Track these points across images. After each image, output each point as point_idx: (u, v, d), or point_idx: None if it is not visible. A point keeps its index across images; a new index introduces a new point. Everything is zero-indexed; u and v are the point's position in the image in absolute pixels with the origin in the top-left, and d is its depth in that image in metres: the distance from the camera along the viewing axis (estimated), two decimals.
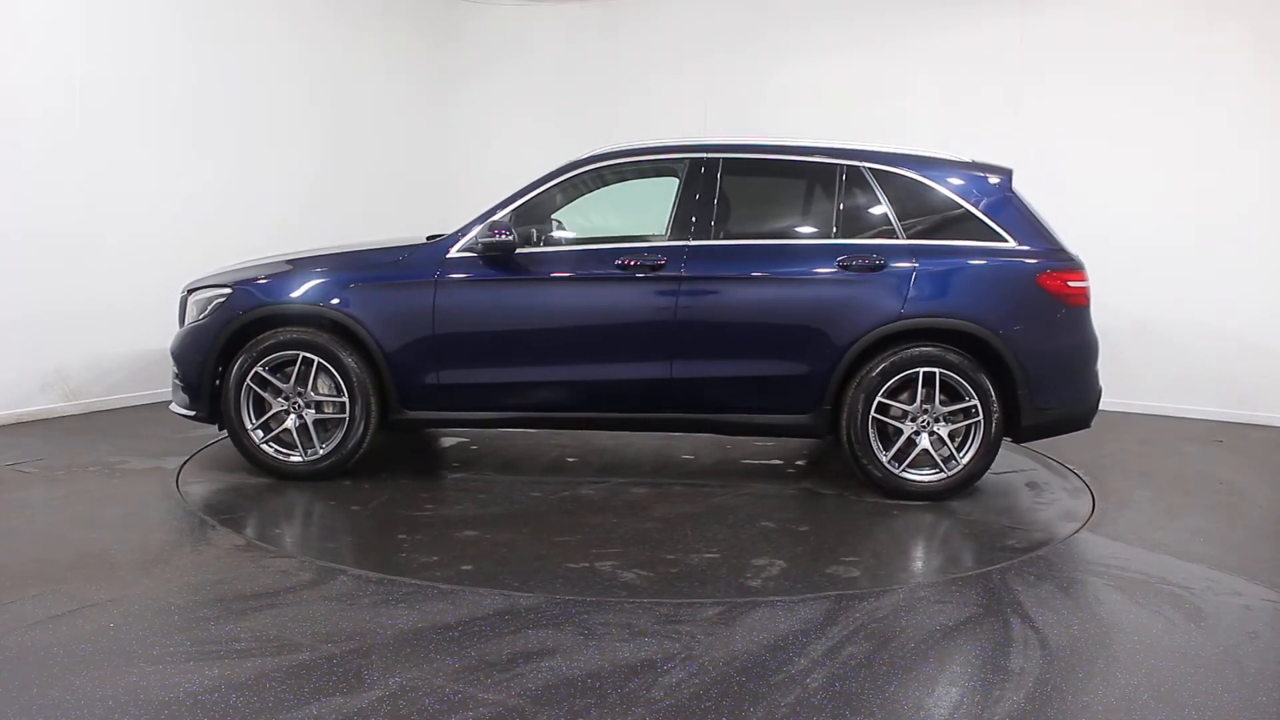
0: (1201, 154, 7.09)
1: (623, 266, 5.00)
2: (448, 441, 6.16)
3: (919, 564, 4.30)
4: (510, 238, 4.95)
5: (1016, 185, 5.11)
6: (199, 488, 4.96)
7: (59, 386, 6.37)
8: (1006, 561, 4.13)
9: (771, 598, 3.70)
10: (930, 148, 5.30)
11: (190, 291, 5.38)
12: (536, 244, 5.24)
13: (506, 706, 2.81)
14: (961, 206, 5.00)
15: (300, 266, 5.27)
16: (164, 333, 6.90)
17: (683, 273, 4.97)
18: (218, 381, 5.10)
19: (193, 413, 5.18)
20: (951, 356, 4.84)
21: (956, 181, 5.04)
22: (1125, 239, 7.08)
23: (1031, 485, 5.38)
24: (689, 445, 5.98)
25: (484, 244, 4.99)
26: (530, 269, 5.08)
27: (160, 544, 4.11)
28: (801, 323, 4.94)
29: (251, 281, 5.19)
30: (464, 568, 3.95)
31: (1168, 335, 7.20)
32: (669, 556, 4.12)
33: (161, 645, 3.14)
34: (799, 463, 5.72)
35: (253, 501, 4.98)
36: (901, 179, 5.06)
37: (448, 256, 5.09)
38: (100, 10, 6.41)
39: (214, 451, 5.65)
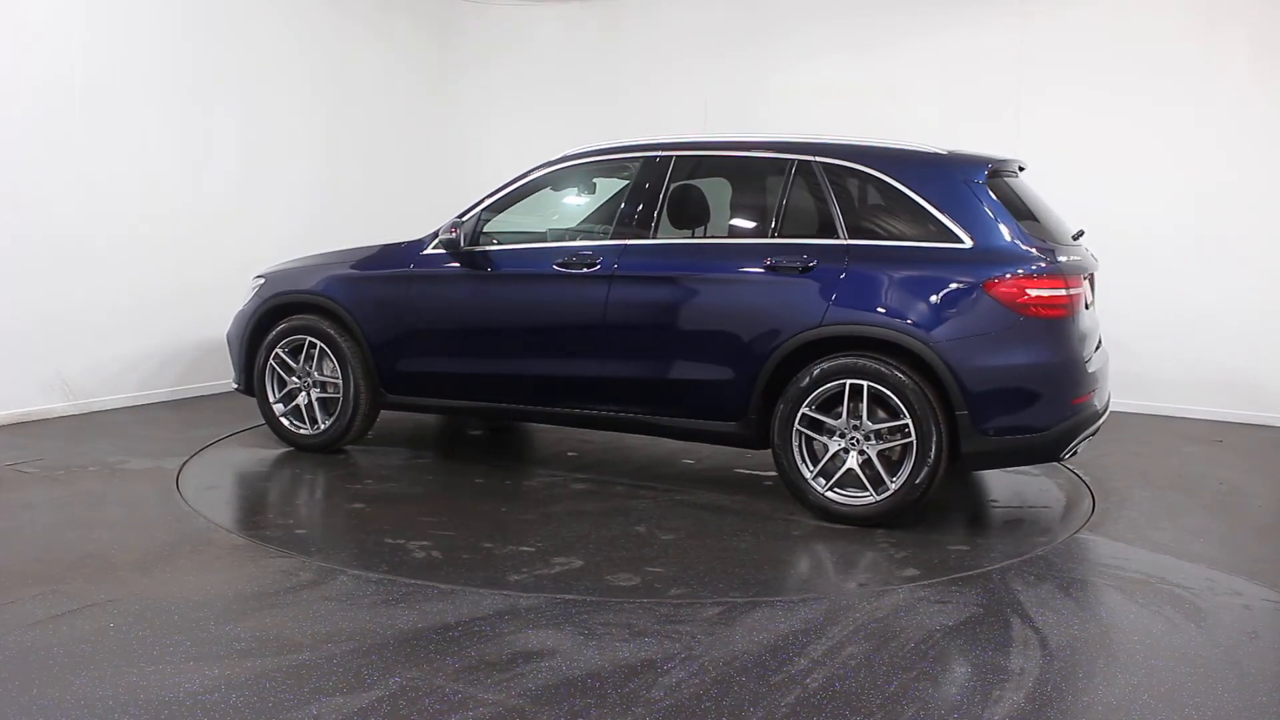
0: (1202, 155, 7.08)
1: (562, 265, 5.04)
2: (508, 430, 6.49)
3: (711, 581, 3.84)
4: (454, 236, 5.22)
5: (1009, 179, 4.75)
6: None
7: (59, 386, 6.36)
8: (1006, 561, 4.13)
9: (772, 598, 3.70)
10: (901, 140, 5.00)
11: (254, 278, 5.94)
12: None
13: (506, 706, 2.81)
14: (916, 204, 4.52)
15: (320, 260, 5.80)
16: (165, 332, 6.97)
17: (614, 272, 4.92)
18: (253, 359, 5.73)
19: (237, 386, 5.88)
20: (883, 369, 4.37)
21: (916, 177, 4.57)
22: (1125, 239, 7.06)
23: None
24: (700, 452, 5.79)
25: (440, 241, 5.31)
26: (484, 267, 5.28)
27: (160, 544, 4.11)
28: (723, 326, 4.70)
29: (278, 272, 5.84)
30: (298, 532, 4.38)
31: (1168, 335, 7.19)
32: (486, 545, 4.20)
33: (161, 645, 3.14)
34: None
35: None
36: (853, 174, 4.67)
37: (422, 254, 5.41)
38: (100, 10, 6.41)
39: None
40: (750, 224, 5.03)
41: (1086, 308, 4.65)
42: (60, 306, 6.30)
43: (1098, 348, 4.95)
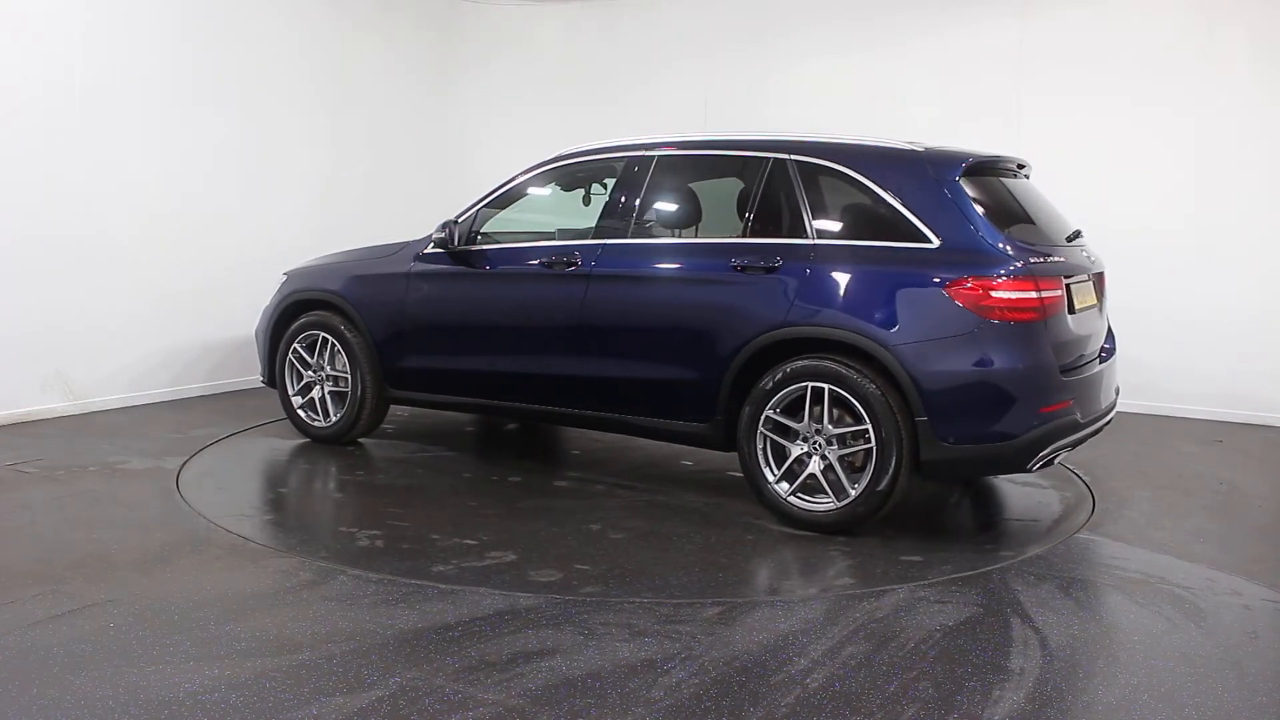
0: (1201, 155, 7.08)
1: (544, 264, 5.08)
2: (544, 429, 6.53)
3: (630, 582, 3.81)
4: (446, 235, 5.33)
5: (1004, 177, 4.67)
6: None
7: (59, 386, 6.36)
8: (1006, 561, 4.13)
9: (772, 598, 3.70)
10: (877, 137, 4.82)
11: (282, 274, 6.15)
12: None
13: (506, 706, 2.81)
14: (885, 202, 4.39)
15: (337, 258, 6.00)
16: (165, 333, 6.97)
17: (591, 271, 4.94)
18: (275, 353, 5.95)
19: (262, 379, 6.09)
20: (843, 372, 4.26)
21: (887, 174, 4.43)
22: (1125, 240, 7.06)
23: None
24: (701, 454, 5.66)
25: (434, 241, 5.42)
26: (473, 265, 5.38)
27: (160, 544, 4.11)
28: (690, 326, 4.66)
29: (299, 269, 6.07)
30: (267, 518, 4.64)
31: (1168, 336, 7.18)
32: (433, 537, 4.26)
33: (161, 645, 3.14)
34: None
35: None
36: (825, 172, 4.57)
37: (421, 253, 5.52)
38: (100, 10, 6.40)
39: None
40: (723, 223, 4.97)
41: (1072, 311, 4.44)
42: (60, 307, 6.30)
43: (1104, 355, 4.87)
